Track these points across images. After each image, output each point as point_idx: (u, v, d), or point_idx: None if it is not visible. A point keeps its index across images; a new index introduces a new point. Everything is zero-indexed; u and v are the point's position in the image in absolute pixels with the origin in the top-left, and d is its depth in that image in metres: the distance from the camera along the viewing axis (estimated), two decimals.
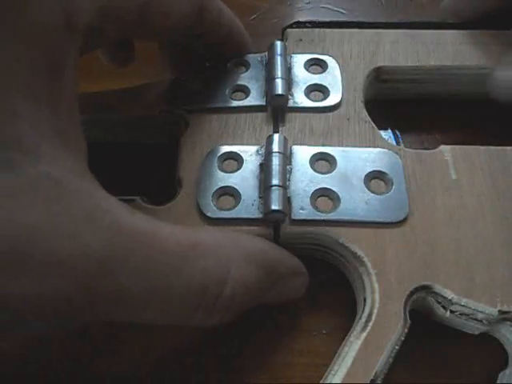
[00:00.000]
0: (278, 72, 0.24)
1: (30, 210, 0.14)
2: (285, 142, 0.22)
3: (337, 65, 0.26)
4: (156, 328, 0.20)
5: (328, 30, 0.27)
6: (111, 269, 0.15)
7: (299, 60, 0.26)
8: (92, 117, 0.18)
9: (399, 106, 0.28)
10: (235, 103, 0.24)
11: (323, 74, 0.25)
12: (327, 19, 0.28)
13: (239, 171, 0.22)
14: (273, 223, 0.21)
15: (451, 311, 0.19)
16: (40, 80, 0.16)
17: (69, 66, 0.17)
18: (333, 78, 0.25)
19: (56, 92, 0.16)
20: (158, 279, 0.16)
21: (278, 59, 0.25)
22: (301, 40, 0.27)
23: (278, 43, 0.26)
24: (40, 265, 0.14)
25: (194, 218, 0.21)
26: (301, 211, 0.21)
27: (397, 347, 0.18)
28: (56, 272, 0.14)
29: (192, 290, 0.16)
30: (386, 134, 0.27)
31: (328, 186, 0.21)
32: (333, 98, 0.24)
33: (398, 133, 0.27)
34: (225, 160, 0.23)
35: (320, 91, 0.25)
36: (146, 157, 0.26)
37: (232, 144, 0.23)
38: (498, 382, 0.19)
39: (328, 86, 0.25)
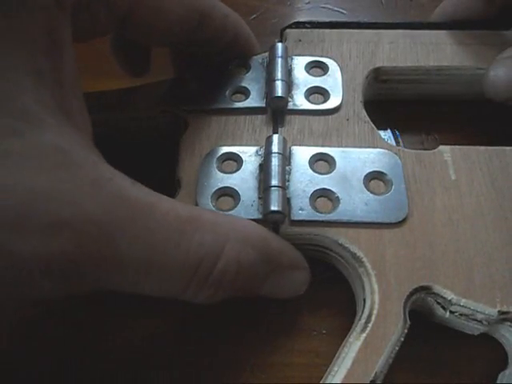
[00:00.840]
0: (279, 74, 0.24)
1: (37, 175, 0.14)
2: (284, 143, 0.22)
3: (338, 67, 0.26)
4: (156, 313, 0.21)
5: (327, 31, 0.27)
6: (112, 235, 0.15)
7: (300, 62, 0.26)
8: (92, 117, 0.18)
9: (398, 106, 0.28)
10: (235, 105, 0.25)
11: (324, 77, 0.25)
12: (327, 19, 0.28)
13: (238, 172, 0.22)
14: (272, 224, 0.21)
15: (451, 312, 0.20)
16: (40, 57, 0.16)
17: (66, 43, 0.17)
18: (333, 80, 0.25)
19: (57, 68, 0.17)
20: (157, 249, 0.16)
21: (279, 61, 0.25)
22: (300, 40, 0.27)
23: (279, 45, 0.26)
24: (46, 226, 0.14)
25: None
26: (300, 212, 0.21)
27: (396, 348, 0.18)
28: (61, 234, 0.14)
29: (187, 262, 0.17)
30: (386, 135, 0.27)
31: (327, 187, 0.21)
32: (333, 101, 0.24)
33: (397, 133, 0.27)
34: (224, 161, 0.23)
35: (320, 94, 0.25)
36: (146, 157, 0.26)
37: (231, 145, 0.23)
38: (498, 382, 0.19)
39: (328, 89, 0.25)
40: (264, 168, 0.22)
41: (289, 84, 0.25)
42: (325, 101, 0.25)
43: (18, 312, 0.18)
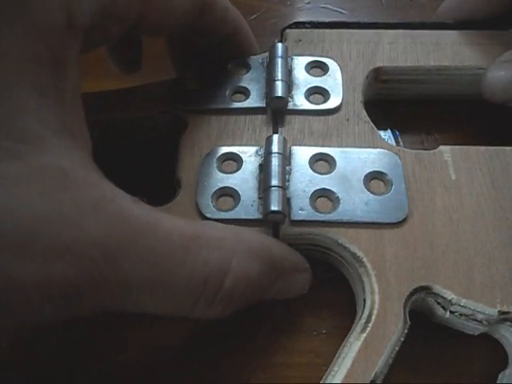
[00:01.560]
0: (279, 74, 0.24)
1: (38, 198, 0.14)
2: (284, 143, 0.22)
3: (338, 67, 0.26)
4: (157, 324, 0.20)
5: (327, 31, 0.27)
6: (115, 256, 0.15)
7: (300, 62, 0.26)
8: (92, 117, 0.18)
9: (398, 106, 0.28)
10: (235, 105, 0.25)
11: (324, 77, 0.25)
12: (327, 19, 0.28)
13: (238, 172, 0.22)
14: (272, 224, 0.21)
15: (451, 312, 0.20)
16: (44, 75, 0.16)
17: (71, 61, 0.17)
18: (333, 80, 0.25)
19: (60, 86, 0.17)
20: (161, 268, 0.16)
21: (279, 61, 0.25)
22: (300, 40, 0.27)
23: (279, 45, 0.26)
24: (47, 250, 0.14)
25: (194, 218, 0.21)
26: (300, 212, 0.21)
27: (396, 348, 0.18)
28: (62, 258, 0.14)
29: (193, 281, 0.16)
30: (386, 135, 0.27)
31: (327, 187, 0.21)
32: (333, 101, 0.24)
33: (397, 133, 0.27)
34: (224, 161, 0.23)
35: (320, 94, 0.25)
36: (146, 157, 0.26)
37: (231, 145, 0.23)
38: (498, 382, 0.19)
39: (328, 89, 0.25)
40: (264, 168, 0.22)
41: (289, 84, 0.25)
42: (325, 101, 0.25)
43: (16, 333, 0.18)
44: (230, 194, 0.22)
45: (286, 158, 0.22)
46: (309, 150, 0.23)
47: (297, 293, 0.21)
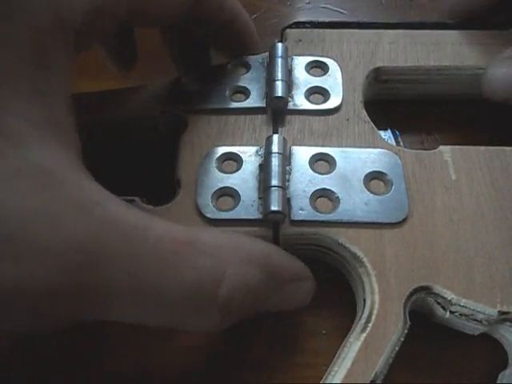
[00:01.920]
0: (279, 74, 0.24)
1: (18, 198, 0.14)
2: (284, 143, 0.22)
3: (338, 67, 0.26)
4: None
5: (327, 31, 0.27)
6: (96, 261, 0.14)
7: (300, 62, 0.26)
8: (91, 117, 0.18)
9: (399, 106, 0.28)
10: (235, 105, 0.24)
11: (324, 77, 0.25)
12: (327, 19, 0.28)
13: (238, 172, 0.22)
14: (272, 224, 0.21)
15: (451, 312, 0.20)
16: (30, 74, 0.16)
17: (60, 61, 0.17)
18: (334, 80, 0.25)
19: (47, 86, 0.16)
20: (149, 276, 0.15)
21: (279, 61, 0.25)
22: (300, 40, 0.27)
23: (279, 45, 0.26)
24: (23, 250, 0.13)
25: (194, 218, 0.21)
26: (300, 212, 0.21)
27: (396, 348, 0.18)
28: (39, 258, 0.14)
29: (184, 289, 0.16)
30: (386, 135, 0.27)
31: (327, 187, 0.21)
32: (333, 101, 0.24)
33: (397, 133, 0.27)
34: (224, 161, 0.23)
35: (320, 94, 0.25)
36: (146, 157, 0.26)
37: (231, 145, 0.23)
38: (498, 382, 0.19)
39: (328, 89, 0.25)
40: (264, 168, 0.22)
41: (289, 84, 0.25)
42: (325, 101, 0.25)
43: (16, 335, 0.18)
44: (229, 194, 0.22)
45: (286, 158, 0.22)
46: (309, 149, 0.23)
47: (298, 304, 0.20)
